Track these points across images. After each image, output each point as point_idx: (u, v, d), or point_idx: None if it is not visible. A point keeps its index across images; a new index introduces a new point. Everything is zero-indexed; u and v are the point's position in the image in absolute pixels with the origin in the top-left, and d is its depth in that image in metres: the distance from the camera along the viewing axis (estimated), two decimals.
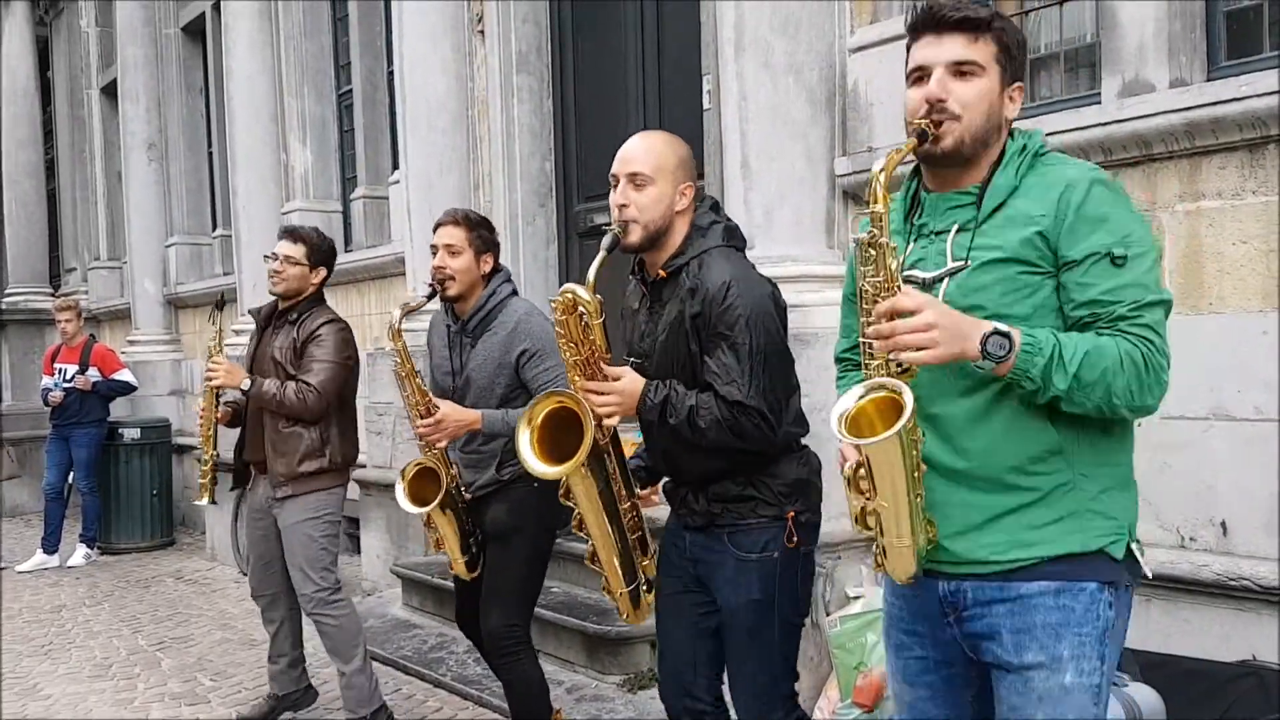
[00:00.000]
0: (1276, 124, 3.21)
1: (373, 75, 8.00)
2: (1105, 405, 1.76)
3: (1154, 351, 1.76)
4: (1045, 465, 1.85)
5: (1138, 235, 1.81)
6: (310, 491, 4.15)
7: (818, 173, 4.36)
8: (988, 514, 1.88)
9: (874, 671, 3.84)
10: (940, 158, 1.92)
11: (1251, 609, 3.26)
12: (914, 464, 1.84)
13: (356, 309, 7.98)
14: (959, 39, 1.89)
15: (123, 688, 5.20)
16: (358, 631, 4.25)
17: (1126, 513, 1.90)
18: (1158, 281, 1.82)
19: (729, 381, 2.51)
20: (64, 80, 13.44)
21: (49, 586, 7.64)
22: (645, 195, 2.62)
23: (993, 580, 1.89)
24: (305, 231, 4.37)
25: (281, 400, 4.04)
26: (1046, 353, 1.74)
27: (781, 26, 4.29)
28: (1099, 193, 1.82)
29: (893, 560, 1.95)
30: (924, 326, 1.72)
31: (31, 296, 12.87)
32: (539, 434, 2.59)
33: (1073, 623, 1.85)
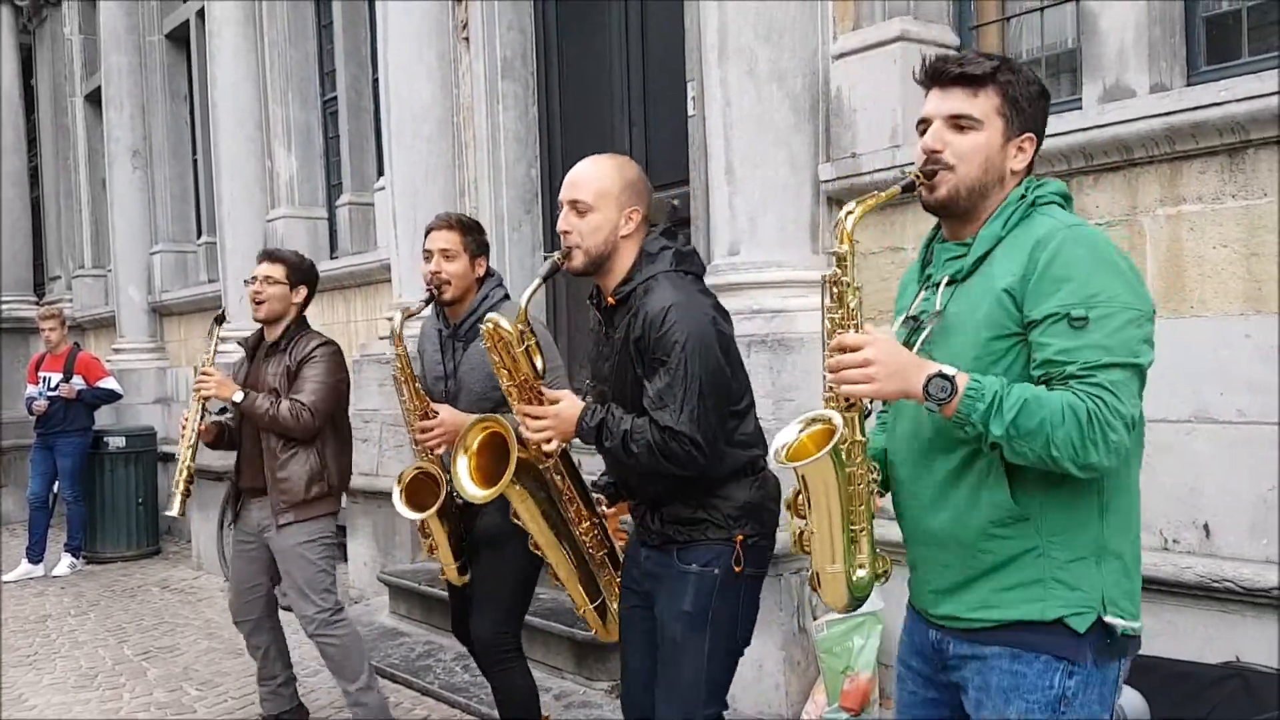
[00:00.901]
0: (1256, 128, 3.23)
1: (358, 82, 8.00)
2: (1046, 456, 1.73)
3: (1103, 408, 1.72)
4: (1009, 530, 1.85)
5: (1107, 295, 1.77)
6: (311, 518, 4.12)
7: (802, 179, 4.37)
8: (959, 578, 1.92)
9: (860, 676, 3.85)
10: (937, 206, 1.96)
11: (1235, 611, 3.28)
12: (852, 494, 1.90)
13: (342, 316, 7.96)
14: (959, 93, 1.92)
15: (108, 697, 5.18)
16: (360, 650, 4.23)
17: (1099, 585, 1.85)
18: (1128, 345, 1.76)
19: (661, 406, 2.52)
20: (48, 88, 13.38)
21: (34, 596, 7.60)
22: (586, 222, 2.65)
23: (966, 637, 1.93)
24: (283, 252, 4.35)
25: (275, 416, 4.00)
26: (987, 399, 1.74)
27: (765, 33, 4.30)
28: (1068, 251, 1.80)
29: (826, 587, 2.01)
30: (861, 362, 1.79)
31: (16, 305, 12.80)
32: (476, 460, 2.73)
33: (1022, 689, 1.86)
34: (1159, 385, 3.40)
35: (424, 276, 3.59)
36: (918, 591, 2.04)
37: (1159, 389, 3.41)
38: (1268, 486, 3.24)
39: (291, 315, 4.22)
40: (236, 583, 4.36)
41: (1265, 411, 3.24)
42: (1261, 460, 3.25)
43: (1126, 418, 1.73)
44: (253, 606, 4.32)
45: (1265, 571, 3.21)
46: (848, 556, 1.95)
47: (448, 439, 3.45)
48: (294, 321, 4.23)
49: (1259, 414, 3.26)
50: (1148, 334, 1.80)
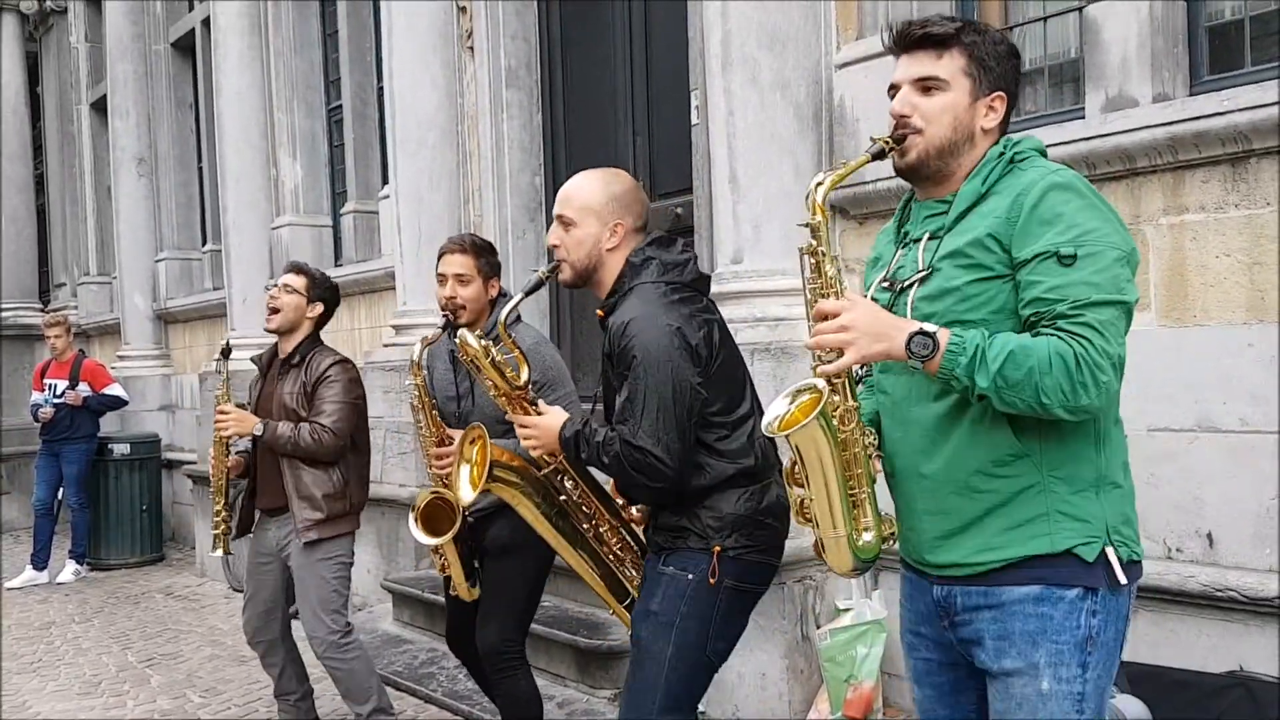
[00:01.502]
0: (1259, 138, 3.24)
1: (363, 90, 8.03)
2: (1036, 404, 1.74)
3: (1089, 349, 1.73)
4: (1009, 469, 1.86)
5: (1095, 235, 1.79)
6: (333, 536, 4.10)
7: (805, 188, 4.37)
8: (961, 520, 1.90)
9: (864, 684, 3.85)
10: (908, 170, 1.98)
11: (1239, 620, 3.27)
12: (849, 458, 1.92)
13: (346, 323, 7.98)
14: (925, 55, 1.95)
15: (112, 704, 5.18)
16: (370, 673, 4.19)
17: (1103, 515, 1.87)
18: (1115, 282, 1.78)
19: (623, 420, 2.57)
20: (54, 96, 13.44)
21: (38, 603, 7.61)
22: (571, 235, 2.74)
23: (977, 585, 1.91)
24: (310, 267, 4.36)
25: (297, 442, 3.99)
26: (969, 352, 1.75)
27: (768, 43, 4.32)
28: (1055, 194, 1.82)
29: (830, 552, 2.01)
30: (838, 328, 1.81)
31: (21, 312, 12.85)
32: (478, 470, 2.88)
33: (1050, 630, 1.85)
34: (1161, 394, 3.44)
35: (439, 300, 3.60)
36: (916, 546, 2.01)
37: (1161, 398, 3.44)
38: (1270, 496, 3.24)
39: (305, 330, 4.20)
40: (253, 604, 4.32)
41: (1268, 421, 3.24)
42: (1264, 469, 3.25)
43: (1114, 357, 1.75)
44: (269, 627, 4.29)
45: (1268, 581, 3.21)
46: (849, 521, 1.95)
47: None
48: (308, 337, 4.21)
49: (1262, 423, 3.26)
50: (1132, 272, 1.82)
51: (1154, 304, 3.51)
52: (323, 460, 4.06)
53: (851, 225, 4.43)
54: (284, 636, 4.32)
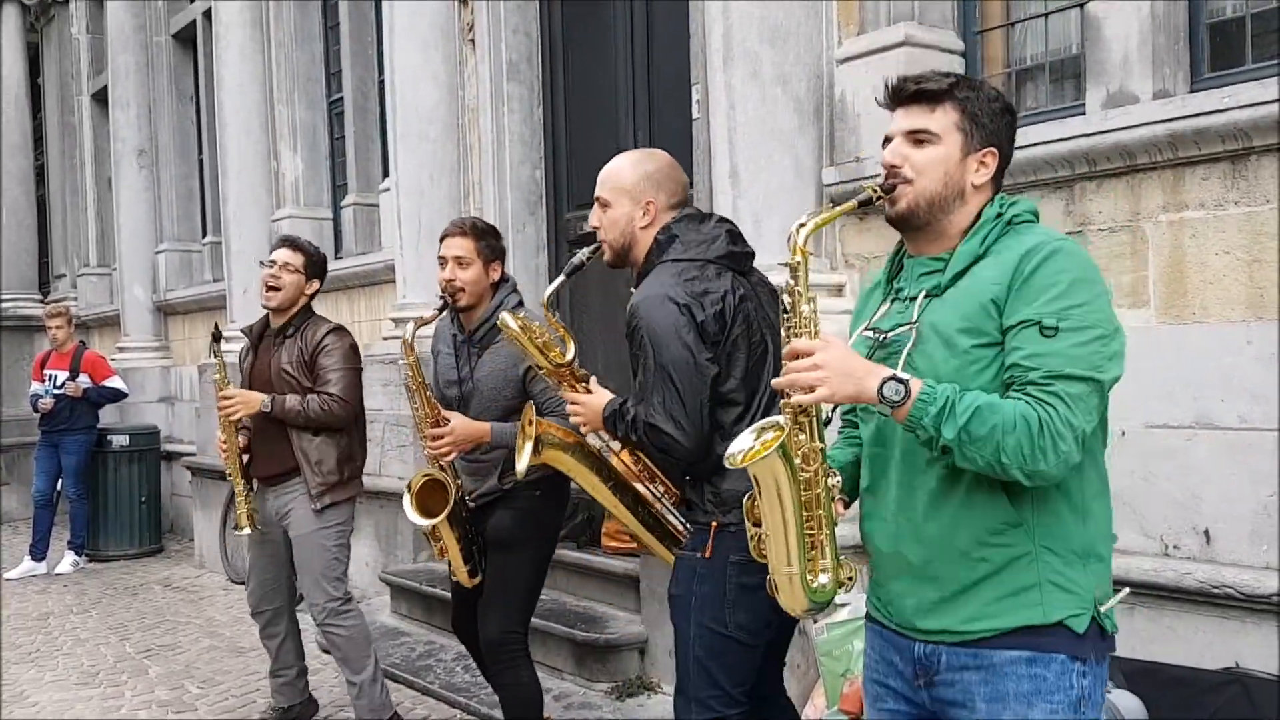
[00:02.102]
0: (1259, 135, 3.24)
1: (363, 83, 8.02)
2: (995, 463, 1.76)
3: (1055, 418, 1.75)
4: (1003, 538, 1.87)
5: (1082, 311, 1.80)
6: (343, 500, 4.17)
7: (806, 182, 4.38)
8: (954, 587, 1.90)
9: (860, 679, 3.85)
10: (899, 220, 1.99)
11: (1235, 617, 3.28)
12: (809, 498, 1.92)
13: (347, 316, 7.97)
14: (918, 109, 1.96)
15: (110, 695, 5.19)
16: (368, 641, 4.25)
17: (1090, 586, 1.89)
18: (1092, 359, 1.80)
19: (639, 400, 2.64)
20: (55, 87, 13.42)
21: (36, 593, 7.62)
22: (607, 216, 2.81)
23: (966, 647, 1.91)
24: (303, 242, 4.35)
25: (307, 414, 4.04)
26: (939, 403, 1.77)
27: (770, 37, 4.32)
28: (1054, 262, 1.83)
29: (783, 591, 2.00)
30: (810, 367, 1.83)
31: (21, 303, 12.84)
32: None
33: (1044, 691, 1.86)
34: (1159, 391, 3.44)
35: (439, 283, 3.60)
36: (897, 610, 2.00)
37: (1160, 395, 3.45)
38: (1268, 493, 3.25)
39: (300, 305, 4.24)
40: (257, 572, 4.38)
41: (1266, 418, 3.24)
42: (1262, 467, 3.26)
43: (1078, 430, 1.77)
44: (274, 596, 4.36)
45: (1265, 578, 3.21)
46: (802, 560, 1.95)
47: (458, 448, 3.49)
48: (301, 309, 4.25)
49: (1260, 420, 3.26)
50: (1114, 351, 1.83)
51: (1153, 301, 3.51)
52: (334, 428, 4.12)
53: (852, 220, 4.42)
54: (288, 605, 4.38)
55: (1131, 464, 3.48)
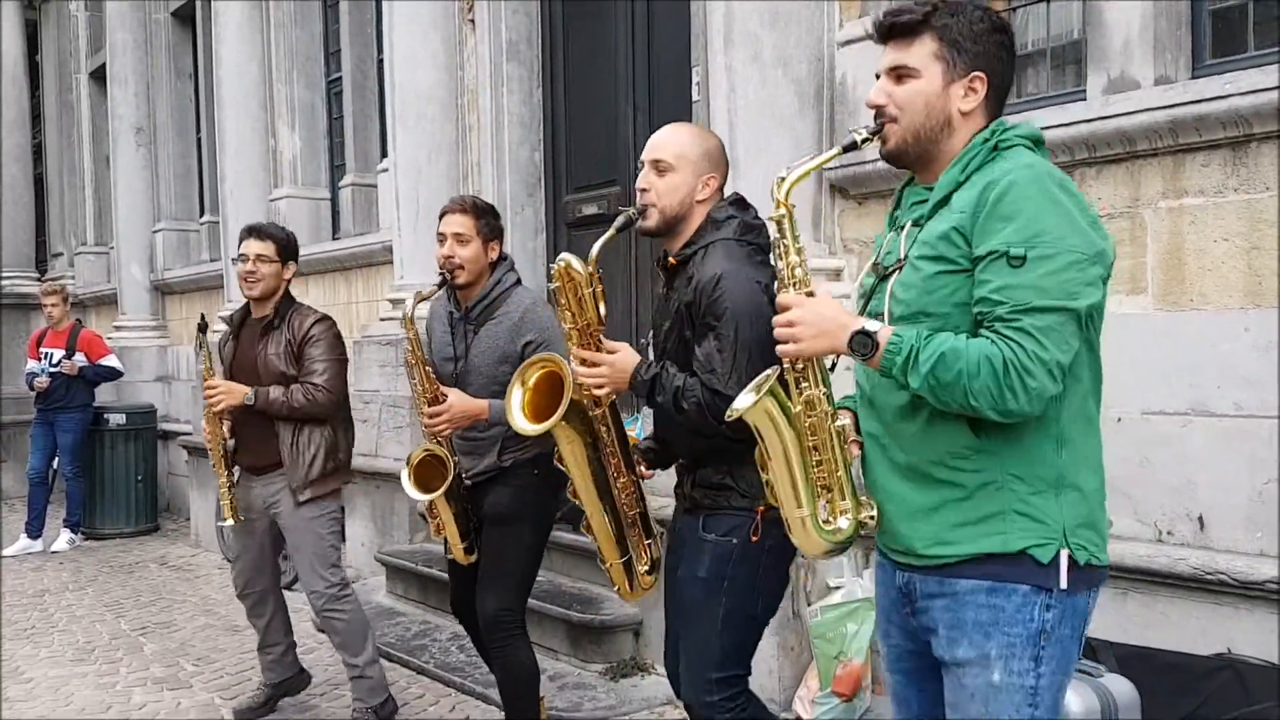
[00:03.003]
0: (1260, 122, 3.23)
1: (362, 63, 7.99)
2: (965, 406, 1.77)
3: (1021, 354, 1.73)
4: (969, 462, 1.86)
5: (1051, 236, 1.76)
6: (327, 493, 4.17)
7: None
8: (921, 506, 1.92)
9: (853, 661, 3.87)
10: (891, 157, 2.00)
11: (1228, 603, 3.29)
12: (816, 443, 1.94)
13: (344, 297, 7.97)
14: (898, 44, 1.95)
15: (105, 672, 5.20)
16: (365, 624, 4.28)
17: (1060, 518, 1.86)
18: (1064, 287, 1.76)
19: (709, 370, 2.60)
20: (53, 64, 13.37)
21: (32, 571, 7.63)
22: (665, 181, 2.74)
23: (933, 574, 1.93)
24: (270, 228, 4.33)
25: (292, 404, 4.04)
26: (904, 353, 1.78)
27: (771, 20, 4.30)
28: (1019, 190, 1.79)
29: (797, 534, 2.01)
30: (785, 323, 1.89)
31: (18, 281, 12.82)
32: (531, 398, 2.76)
33: (1002, 622, 1.86)
34: (1156, 378, 3.44)
35: (437, 260, 3.59)
36: (882, 530, 2.03)
37: (1156, 381, 3.45)
38: (1263, 480, 3.25)
39: (281, 291, 4.23)
40: (242, 557, 4.39)
41: (1262, 405, 3.25)
42: (1257, 454, 3.26)
43: (1049, 363, 1.74)
44: (259, 578, 4.37)
45: (1259, 564, 3.22)
46: (811, 501, 1.96)
47: (455, 425, 3.49)
48: (284, 296, 4.24)
49: (1256, 408, 3.26)
50: (1092, 276, 1.79)
51: (1151, 288, 3.51)
52: (319, 418, 4.11)
53: (851, 205, 4.42)
54: (274, 588, 4.40)
55: (1127, 450, 3.48)
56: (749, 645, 2.80)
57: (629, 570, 2.94)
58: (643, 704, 4.32)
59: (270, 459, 4.15)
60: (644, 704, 4.33)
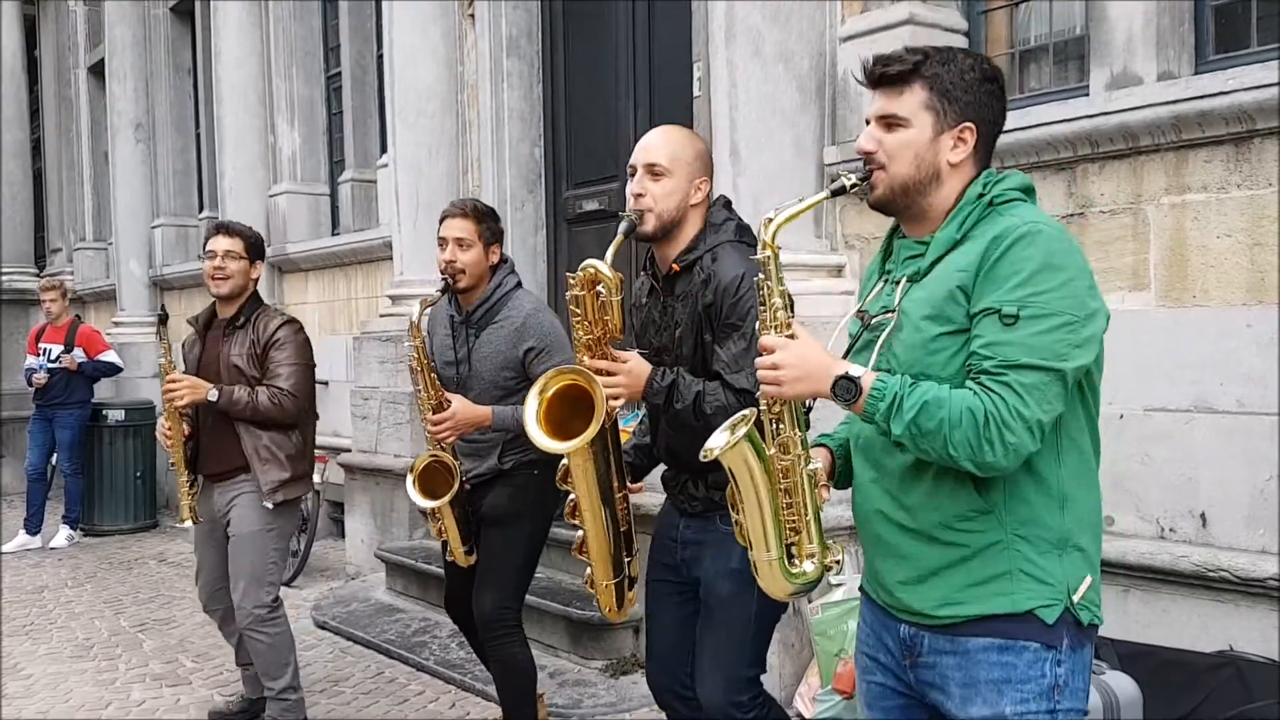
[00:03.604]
0: (1263, 118, 3.23)
1: (362, 58, 7.98)
2: (945, 456, 1.75)
3: (1002, 409, 1.72)
4: (974, 524, 1.85)
5: (1045, 299, 1.74)
6: (294, 500, 4.06)
7: (807, 161, 4.36)
8: (927, 568, 1.90)
9: (854, 658, 3.86)
10: (879, 205, 1.97)
11: (1230, 600, 3.29)
12: (788, 486, 1.93)
13: (343, 293, 7.96)
14: (887, 93, 1.92)
15: (104, 668, 5.19)
16: (289, 648, 4.11)
17: (1065, 576, 1.85)
18: (1054, 348, 1.73)
19: (738, 370, 2.57)
20: (51, 60, 13.35)
21: (31, 567, 7.61)
22: (661, 186, 2.68)
23: (943, 632, 1.90)
24: (238, 225, 4.22)
25: (255, 407, 3.90)
26: (888, 399, 1.77)
27: (773, 15, 4.29)
28: (1020, 249, 1.77)
29: (763, 576, 2.01)
30: (769, 365, 1.86)
31: (16, 276, 12.80)
32: (546, 410, 2.60)
33: (1015, 680, 1.84)
34: (1158, 374, 3.43)
35: (439, 264, 3.57)
36: (882, 585, 2.00)
37: (1158, 378, 3.44)
38: (1265, 477, 3.25)
39: (249, 291, 4.12)
40: (206, 570, 4.23)
41: (1265, 402, 3.24)
42: (1260, 451, 3.26)
43: (1030, 421, 1.73)
44: (224, 594, 4.17)
45: (1261, 561, 3.22)
46: (780, 545, 1.96)
47: (459, 432, 3.47)
48: (250, 297, 4.12)
49: (1258, 404, 3.26)
50: (1082, 339, 1.76)
51: (1153, 284, 3.50)
52: (283, 424, 3.99)
53: (853, 202, 4.41)
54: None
55: (1129, 447, 3.47)
56: (768, 642, 2.79)
57: (619, 590, 2.89)
58: (643, 700, 4.31)
59: (230, 464, 4.00)
60: (644, 700, 4.31)
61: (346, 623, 5.59)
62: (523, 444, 3.49)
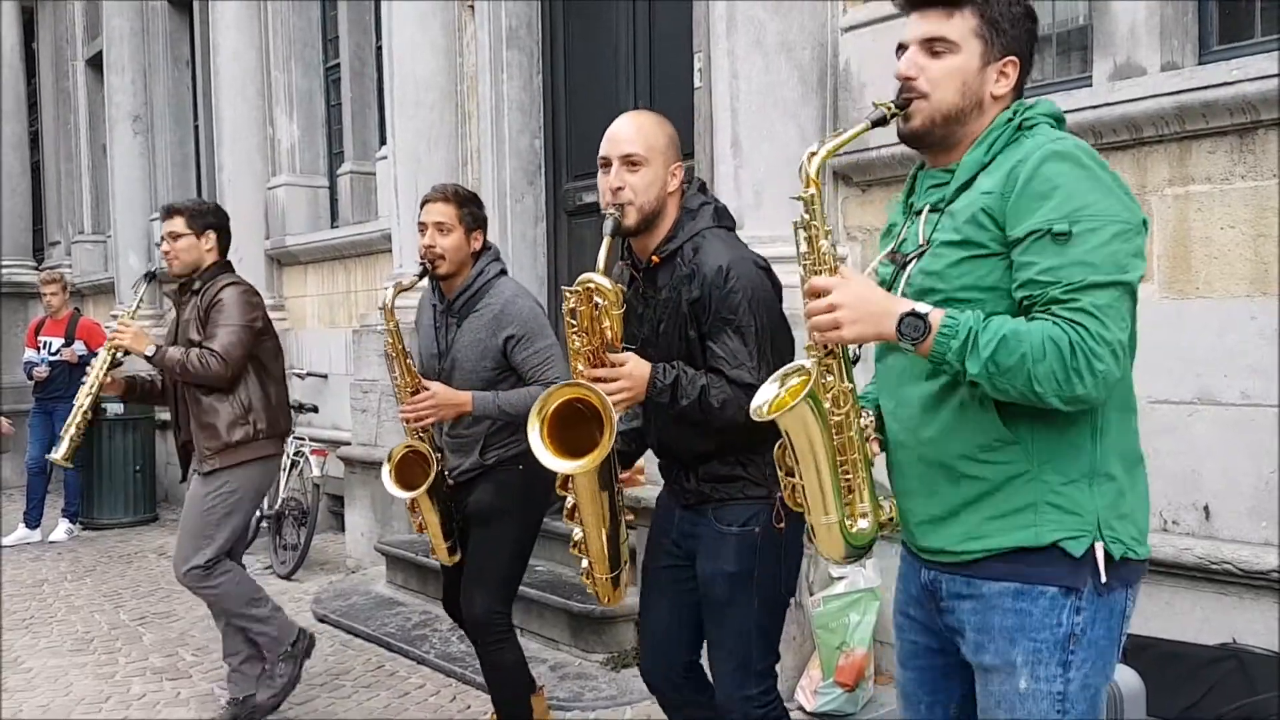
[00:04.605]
0: (1267, 109, 3.21)
1: (361, 49, 7.95)
2: (1029, 393, 1.66)
3: (1086, 337, 1.63)
4: (998, 455, 1.78)
5: (1094, 209, 1.68)
6: (238, 464, 4.01)
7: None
8: (948, 505, 1.84)
9: (856, 651, 3.85)
10: (912, 137, 1.89)
11: (1233, 593, 3.28)
12: (842, 442, 1.85)
13: (343, 286, 7.94)
14: (935, 15, 1.85)
15: (104, 662, 5.19)
16: (249, 593, 4.14)
17: (1094, 508, 1.77)
18: (1115, 259, 1.67)
19: (738, 365, 2.52)
20: (49, 52, 13.30)
21: (30, 561, 7.60)
22: (640, 177, 2.61)
23: (960, 573, 1.85)
24: (180, 203, 4.24)
25: (185, 365, 3.91)
26: (961, 336, 1.67)
27: (774, 5, 4.27)
28: (1050, 165, 1.71)
29: (821, 539, 1.94)
30: (827, 307, 1.74)
31: (15, 269, 12.77)
32: (549, 429, 2.49)
33: (1028, 628, 1.78)
34: (1162, 366, 3.42)
35: (419, 250, 3.52)
36: (906, 525, 1.96)
37: (1161, 370, 3.43)
38: (1269, 469, 3.24)
39: (207, 262, 4.13)
40: None
41: (1268, 394, 3.23)
42: (1263, 443, 3.25)
43: (1113, 344, 1.65)
44: None
45: (1264, 554, 3.21)
46: (840, 506, 1.88)
47: (440, 415, 3.39)
48: (212, 265, 4.14)
49: (1262, 396, 3.25)
50: (1137, 247, 1.70)
51: (1157, 275, 3.48)
52: (214, 386, 3.97)
53: (854, 193, 4.39)
54: None
55: None
56: (778, 629, 2.76)
57: (617, 579, 2.85)
58: (644, 693, 4.29)
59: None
60: (645, 694, 4.29)
61: (347, 616, 5.58)
62: (505, 439, 3.49)
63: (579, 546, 2.78)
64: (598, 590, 2.86)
